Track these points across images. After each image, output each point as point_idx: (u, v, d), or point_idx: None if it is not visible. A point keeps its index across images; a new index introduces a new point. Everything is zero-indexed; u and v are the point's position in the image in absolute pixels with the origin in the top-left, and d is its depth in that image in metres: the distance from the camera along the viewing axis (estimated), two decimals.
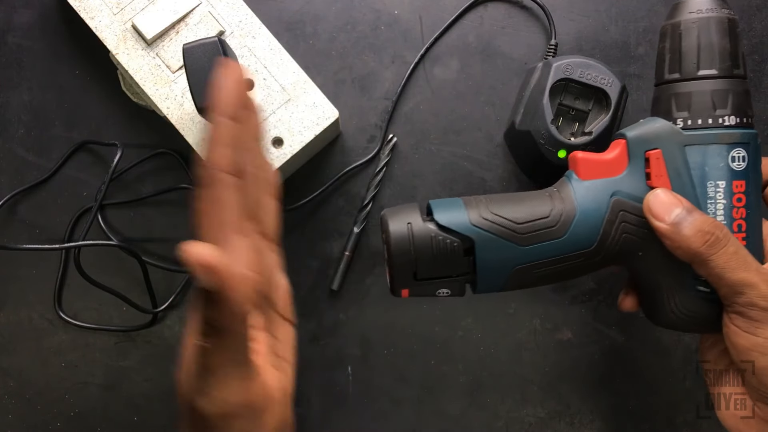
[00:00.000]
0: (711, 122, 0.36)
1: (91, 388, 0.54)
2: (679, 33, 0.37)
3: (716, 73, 0.36)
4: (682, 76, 0.37)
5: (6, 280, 0.54)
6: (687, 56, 0.37)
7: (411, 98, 0.55)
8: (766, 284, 0.35)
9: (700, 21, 0.37)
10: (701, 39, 0.37)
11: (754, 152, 0.36)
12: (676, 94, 0.37)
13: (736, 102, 0.36)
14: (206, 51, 0.43)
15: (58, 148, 0.54)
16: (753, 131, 0.37)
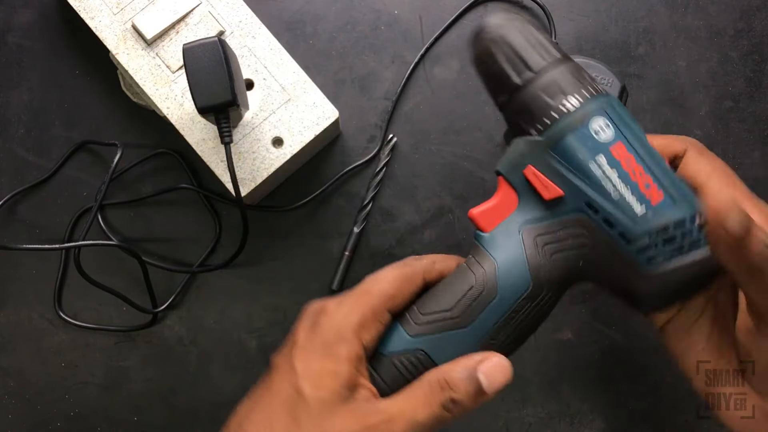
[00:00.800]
0: (557, 116, 0.35)
1: (91, 388, 0.54)
2: (484, 59, 0.37)
3: (533, 75, 0.36)
4: (509, 94, 0.36)
5: (6, 280, 0.54)
6: (503, 75, 0.36)
7: (411, 98, 0.55)
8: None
9: (498, 39, 0.36)
10: (506, 52, 0.36)
11: (614, 112, 0.35)
12: (516, 112, 0.36)
13: (566, 84, 0.35)
14: (206, 51, 0.43)
15: (58, 148, 0.54)
16: (601, 97, 0.35)
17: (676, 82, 0.55)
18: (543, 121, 0.35)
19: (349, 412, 0.32)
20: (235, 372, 0.54)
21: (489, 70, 0.37)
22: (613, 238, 0.34)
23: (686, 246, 0.33)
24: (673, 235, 0.33)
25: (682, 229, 0.33)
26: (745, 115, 0.55)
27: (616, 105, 0.35)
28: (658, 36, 0.55)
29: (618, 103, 0.36)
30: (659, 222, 0.33)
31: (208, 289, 0.54)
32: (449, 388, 0.33)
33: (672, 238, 0.33)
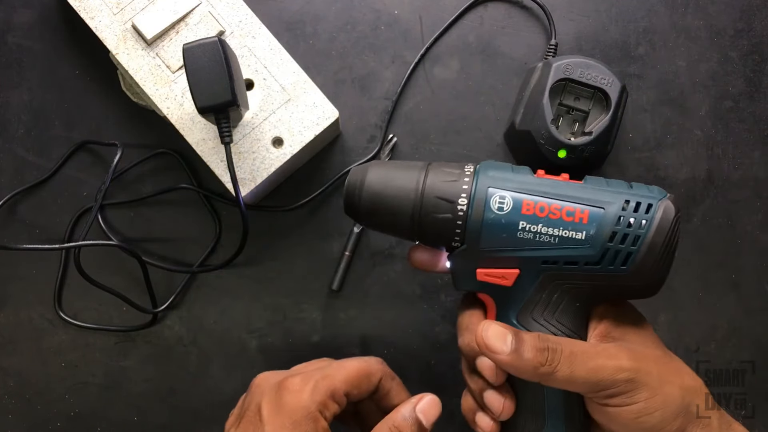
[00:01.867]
0: (460, 222, 0.37)
1: (91, 388, 0.54)
2: (372, 219, 0.40)
3: (417, 201, 0.38)
4: (411, 230, 0.39)
5: (6, 280, 0.54)
6: (395, 221, 0.39)
7: (411, 98, 0.55)
8: (609, 359, 0.35)
9: (370, 192, 0.39)
10: (382, 201, 0.39)
11: (494, 177, 0.37)
12: (429, 240, 0.39)
13: (444, 191, 0.37)
14: (206, 51, 0.43)
15: (58, 148, 0.54)
16: (474, 173, 0.37)
17: (676, 82, 0.55)
18: (455, 232, 0.37)
19: None
20: (235, 372, 0.54)
21: (378, 223, 0.40)
22: (582, 270, 0.36)
23: (639, 227, 0.35)
24: (624, 231, 0.35)
25: (626, 220, 0.35)
26: (745, 115, 0.55)
27: (488, 168, 0.38)
28: (658, 36, 0.55)
29: (486, 164, 0.38)
30: (604, 232, 0.35)
31: (208, 289, 0.54)
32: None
33: (624, 233, 0.35)
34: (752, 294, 0.54)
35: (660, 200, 0.36)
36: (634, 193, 0.37)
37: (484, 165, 0.38)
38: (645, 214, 0.36)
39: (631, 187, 0.38)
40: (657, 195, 0.37)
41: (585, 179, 0.38)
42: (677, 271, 0.54)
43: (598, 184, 0.37)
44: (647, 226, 0.35)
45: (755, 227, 0.54)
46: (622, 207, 0.36)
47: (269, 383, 0.39)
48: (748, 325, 0.54)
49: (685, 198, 0.54)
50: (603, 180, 0.38)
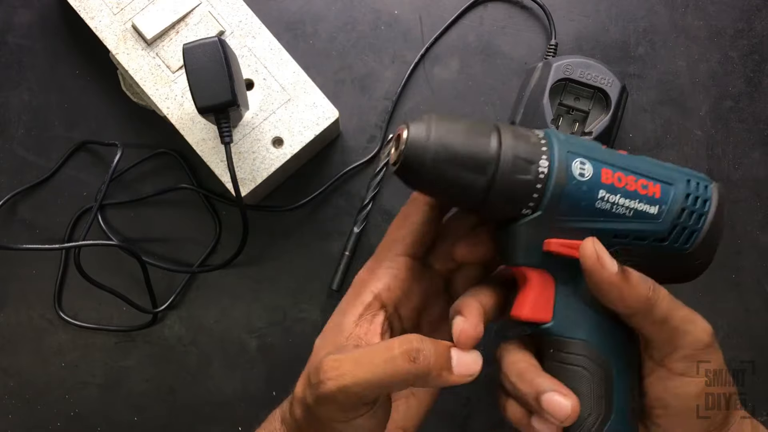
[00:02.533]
0: (540, 186, 0.33)
1: (91, 388, 0.54)
2: (433, 177, 0.33)
3: (494, 164, 0.33)
4: (483, 194, 0.33)
5: (6, 280, 0.54)
6: (465, 184, 0.33)
7: (411, 98, 0.55)
8: (701, 320, 0.34)
9: (440, 150, 0.33)
10: (454, 160, 0.33)
11: (572, 144, 0.34)
12: (495, 206, 0.34)
13: (526, 152, 0.33)
14: (206, 51, 0.43)
15: (58, 148, 0.54)
16: (550, 137, 0.34)
17: (676, 82, 0.55)
18: (531, 197, 0.33)
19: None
20: (235, 372, 0.54)
21: (444, 185, 0.33)
22: (650, 246, 0.35)
23: (704, 206, 0.36)
24: (691, 209, 0.35)
25: (693, 198, 0.35)
26: (745, 115, 0.55)
27: (559, 134, 0.35)
28: (658, 36, 0.55)
29: (552, 131, 0.35)
30: (674, 208, 0.35)
31: (208, 289, 0.54)
32: (417, 344, 0.32)
33: (691, 211, 0.35)
34: (752, 294, 0.54)
35: (713, 183, 0.37)
36: (692, 174, 0.37)
37: (550, 131, 0.35)
38: (706, 193, 0.36)
39: (682, 167, 0.38)
40: (707, 178, 0.37)
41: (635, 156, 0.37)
42: None
43: (655, 162, 0.37)
44: (709, 206, 0.36)
45: (755, 227, 0.54)
46: (688, 185, 0.36)
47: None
48: (748, 325, 0.54)
49: None
50: (652, 159, 0.38)
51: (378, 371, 0.30)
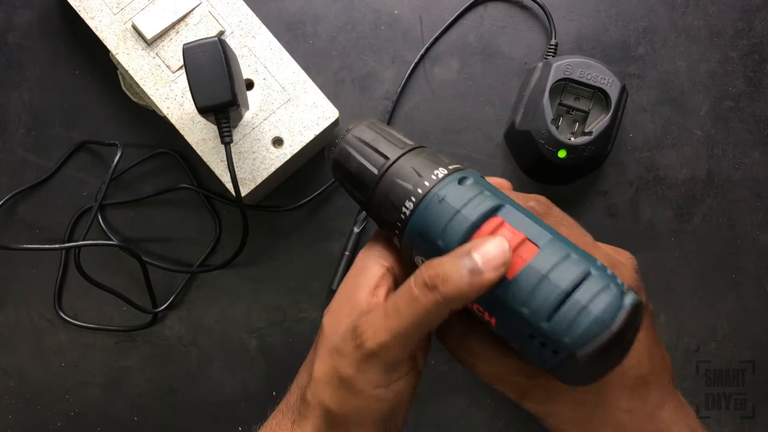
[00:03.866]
0: (397, 221, 0.33)
1: (91, 388, 0.54)
2: (341, 163, 0.35)
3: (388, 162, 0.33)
4: (372, 185, 0.34)
5: (6, 280, 0.54)
6: (362, 171, 0.34)
7: (411, 98, 0.55)
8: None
9: (347, 142, 0.34)
10: (361, 151, 0.34)
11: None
12: (372, 215, 0.34)
13: (388, 199, 0.33)
14: (206, 51, 0.43)
15: (58, 148, 0.54)
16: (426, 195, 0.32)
17: (676, 82, 0.55)
18: (396, 227, 0.33)
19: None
20: (235, 372, 0.54)
21: (341, 182, 0.35)
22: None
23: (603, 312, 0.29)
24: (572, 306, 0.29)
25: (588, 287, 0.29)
26: (745, 115, 0.55)
27: (470, 185, 0.33)
28: (658, 36, 0.55)
29: (461, 176, 0.33)
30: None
31: (208, 289, 0.54)
32: (431, 270, 0.29)
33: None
34: (752, 294, 0.54)
35: (630, 291, 0.30)
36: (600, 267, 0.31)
37: (460, 178, 0.33)
38: (610, 295, 0.30)
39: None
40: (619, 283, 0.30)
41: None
42: (677, 270, 0.54)
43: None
44: (608, 314, 0.29)
45: (755, 227, 0.54)
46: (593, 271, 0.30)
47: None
48: (748, 325, 0.54)
49: (685, 198, 0.54)
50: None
51: (407, 315, 0.29)
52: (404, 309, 0.29)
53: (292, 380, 0.55)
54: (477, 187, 0.32)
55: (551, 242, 0.30)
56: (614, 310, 0.28)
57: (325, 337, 0.34)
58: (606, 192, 0.54)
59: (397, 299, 0.30)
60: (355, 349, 0.30)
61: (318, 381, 0.33)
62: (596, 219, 0.54)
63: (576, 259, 0.29)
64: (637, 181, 0.54)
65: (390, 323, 0.30)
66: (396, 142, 0.34)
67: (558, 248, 0.30)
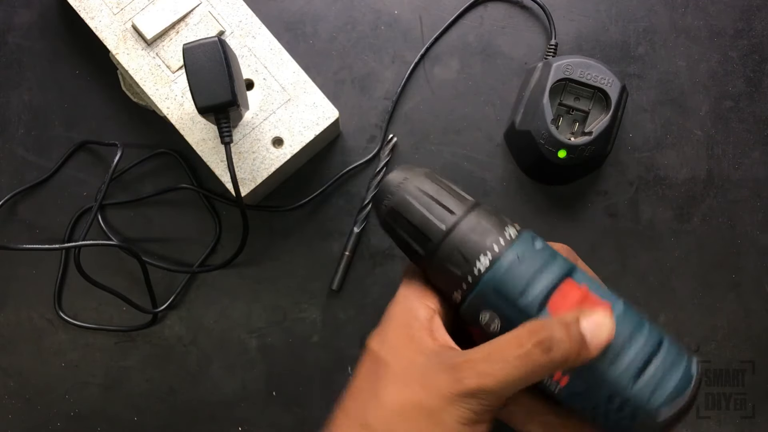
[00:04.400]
0: (466, 278, 0.33)
1: (91, 388, 0.54)
2: (400, 214, 0.35)
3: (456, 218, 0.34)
4: (437, 240, 0.34)
5: (6, 280, 0.54)
6: (427, 224, 0.34)
7: (411, 98, 0.55)
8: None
9: (408, 193, 0.35)
10: (424, 203, 0.34)
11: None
12: (430, 273, 0.35)
13: (459, 252, 0.33)
14: (206, 51, 0.43)
15: (58, 148, 0.54)
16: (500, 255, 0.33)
17: (676, 82, 0.55)
18: (460, 287, 0.34)
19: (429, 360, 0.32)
20: (235, 372, 0.54)
21: (392, 235, 0.36)
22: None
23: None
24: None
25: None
26: (745, 115, 0.55)
27: (536, 246, 0.34)
28: (658, 36, 0.55)
29: (534, 242, 0.34)
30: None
31: (208, 289, 0.54)
32: (545, 331, 0.30)
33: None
34: (752, 294, 0.54)
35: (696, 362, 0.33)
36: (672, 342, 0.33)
37: (526, 237, 0.33)
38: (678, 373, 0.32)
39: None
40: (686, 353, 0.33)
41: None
42: (677, 270, 0.54)
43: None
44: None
45: (755, 227, 0.54)
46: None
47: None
48: (748, 325, 0.54)
49: (685, 198, 0.54)
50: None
51: (515, 368, 0.29)
52: (513, 362, 0.30)
53: (292, 380, 0.55)
54: (548, 249, 0.33)
55: (624, 306, 0.32)
56: (690, 374, 0.31)
57: (394, 369, 0.33)
58: (606, 192, 0.54)
59: (505, 348, 0.30)
60: (451, 384, 0.30)
61: (391, 410, 0.32)
62: (596, 219, 0.54)
63: (648, 325, 0.32)
64: (637, 181, 0.54)
65: (497, 370, 0.30)
66: (458, 198, 0.35)
67: (632, 313, 0.32)
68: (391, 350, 0.34)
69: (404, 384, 0.32)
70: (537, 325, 0.30)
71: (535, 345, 0.29)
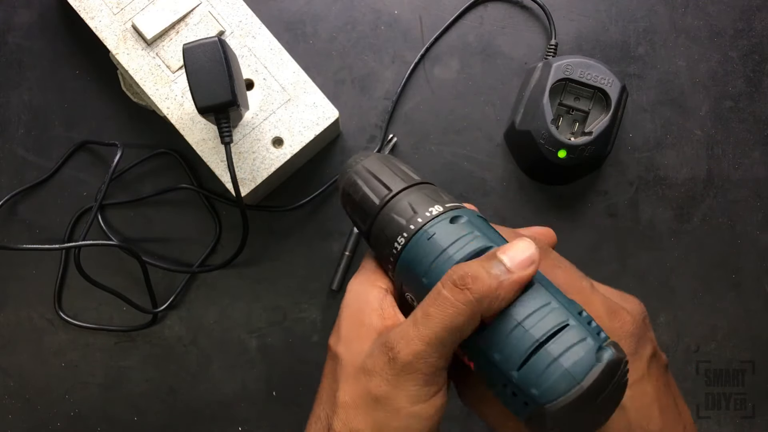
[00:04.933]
0: (389, 256, 0.33)
1: (91, 388, 0.54)
2: (348, 193, 0.36)
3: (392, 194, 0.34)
4: (372, 217, 0.34)
5: (6, 280, 0.54)
6: (364, 201, 0.35)
7: (411, 98, 0.55)
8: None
9: (356, 172, 0.36)
10: (366, 181, 0.35)
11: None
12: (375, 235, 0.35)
13: (384, 233, 0.33)
14: (206, 51, 0.43)
15: (58, 148, 0.54)
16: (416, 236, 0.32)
17: (676, 82, 0.55)
18: (389, 262, 0.33)
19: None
20: (235, 372, 0.54)
21: (354, 198, 0.36)
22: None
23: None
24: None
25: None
26: (745, 115, 0.55)
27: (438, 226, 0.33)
28: (658, 36, 0.55)
29: (456, 216, 0.33)
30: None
31: (208, 289, 0.54)
32: (459, 269, 0.29)
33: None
34: (752, 294, 0.54)
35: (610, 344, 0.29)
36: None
37: (461, 217, 0.33)
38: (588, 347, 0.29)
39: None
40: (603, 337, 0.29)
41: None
42: (677, 270, 0.54)
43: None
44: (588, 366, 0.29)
45: (755, 227, 0.54)
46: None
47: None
48: (748, 325, 0.54)
49: (685, 198, 0.54)
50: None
51: (439, 319, 0.28)
52: (435, 313, 0.28)
53: (292, 380, 0.55)
54: (468, 227, 0.32)
55: (534, 289, 0.29)
56: (587, 365, 0.26)
57: (345, 363, 0.32)
58: (606, 192, 0.54)
59: (426, 305, 0.29)
60: (388, 364, 0.29)
61: (347, 407, 0.31)
62: (596, 219, 0.54)
63: (556, 307, 0.28)
64: (637, 181, 0.54)
65: (422, 330, 0.29)
66: (402, 176, 0.35)
67: (539, 295, 0.29)
68: (344, 344, 0.33)
69: (355, 379, 0.31)
70: (452, 269, 0.29)
71: (451, 287, 0.28)
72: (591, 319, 0.29)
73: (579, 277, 0.34)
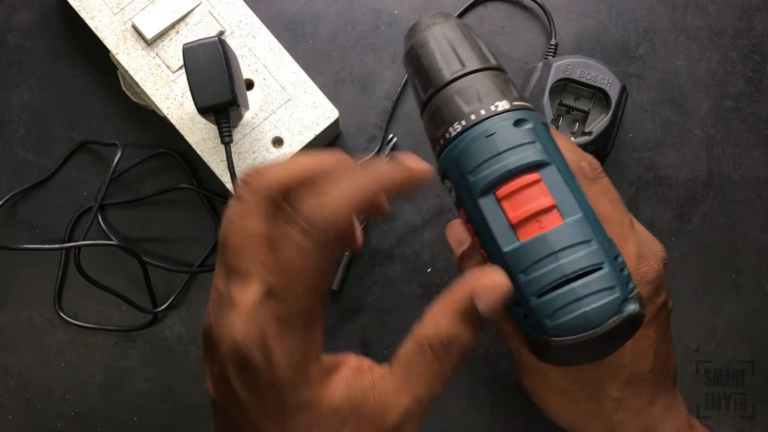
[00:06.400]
0: (441, 139, 0.32)
1: (91, 388, 0.54)
2: (417, 54, 0.33)
3: (463, 71, 0.32)
4: (434, 89, 0.32)
5: (6, 280, 0.54)
6: (432, 69, 0.32)
7: (411, 98, 0.55)
8: None
9: (432, 35, 0.33)
10: (440, 47, 0.33)
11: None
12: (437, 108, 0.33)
13: (440, 112, 0.32)
14: (206, 51, 0.43)
15: (58, 148, 0.54)
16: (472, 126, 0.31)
17: (676, 82, 0.55)
18: (438, 143, 0.32)
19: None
20: None
21: (421, 61, 0.33)
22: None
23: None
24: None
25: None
26: (745, 115, 0.55)
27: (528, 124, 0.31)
28: (658, 36, 0.55)
29: (526, 116, 0.31)
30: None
31: (208, 289, 0.54)
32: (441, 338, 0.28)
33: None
34: (752, 294, 0.54)
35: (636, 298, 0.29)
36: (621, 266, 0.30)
37: (519, 116, 0.30)
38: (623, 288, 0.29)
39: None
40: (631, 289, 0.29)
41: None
42: (677, 270, 0.54)
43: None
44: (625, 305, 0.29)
45: (755, 227, 0.54)
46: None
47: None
48: (748, 325, 0.54)
49: (685, 198, 0.54)
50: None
51: (302, 163, 0.26)
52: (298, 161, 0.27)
53: None
54: (531, 135, 0.30)
55: (578, 221, 0.28)
56: (608, 314, 0.26)
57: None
58: None
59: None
60: (250, 180, 0.27)
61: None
62: None
63: (595, 247, 0.27)
64: (637, 181, 0.54)
65: (285, 165, 0.27)
66: (479, 55, 0.33)
67: (582, 229, 0.28)
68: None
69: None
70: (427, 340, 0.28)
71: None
72: (624, 266, 0.28)
73: (622, 212, 0.33)
